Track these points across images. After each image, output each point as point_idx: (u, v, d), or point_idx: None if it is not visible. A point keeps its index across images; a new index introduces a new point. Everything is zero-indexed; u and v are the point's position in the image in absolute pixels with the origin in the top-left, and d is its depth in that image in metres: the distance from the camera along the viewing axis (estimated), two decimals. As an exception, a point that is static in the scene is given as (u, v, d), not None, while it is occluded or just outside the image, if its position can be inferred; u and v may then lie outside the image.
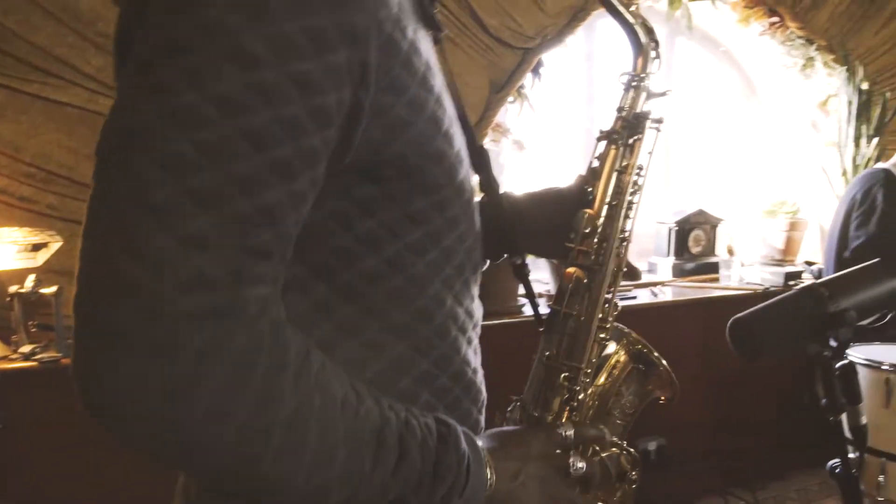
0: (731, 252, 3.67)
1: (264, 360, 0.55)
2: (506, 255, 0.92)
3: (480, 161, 0.82)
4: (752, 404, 3.19)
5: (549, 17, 2.86)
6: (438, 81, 0.69)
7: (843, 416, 1.04)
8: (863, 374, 2.30)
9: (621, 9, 0.91)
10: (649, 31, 0.94)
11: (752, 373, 3.26)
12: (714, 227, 3.58)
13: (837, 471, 0.95)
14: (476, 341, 0.80)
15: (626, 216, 0.89)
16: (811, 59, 3.72)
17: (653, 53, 0.94)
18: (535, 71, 2.92)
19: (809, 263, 3.61)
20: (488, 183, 0.87)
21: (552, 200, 0.95)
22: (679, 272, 3.44)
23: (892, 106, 3.72)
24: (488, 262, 0.93)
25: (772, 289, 3.24)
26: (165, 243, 0.51)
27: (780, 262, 3.68)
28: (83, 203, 0.54)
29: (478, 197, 0.84)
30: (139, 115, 0.53)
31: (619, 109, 0.93)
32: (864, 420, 0.94)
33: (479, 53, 2.72)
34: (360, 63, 0.58)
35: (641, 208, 0.92)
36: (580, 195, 0.90)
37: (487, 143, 2.85)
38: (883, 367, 2.23)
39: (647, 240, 3.56)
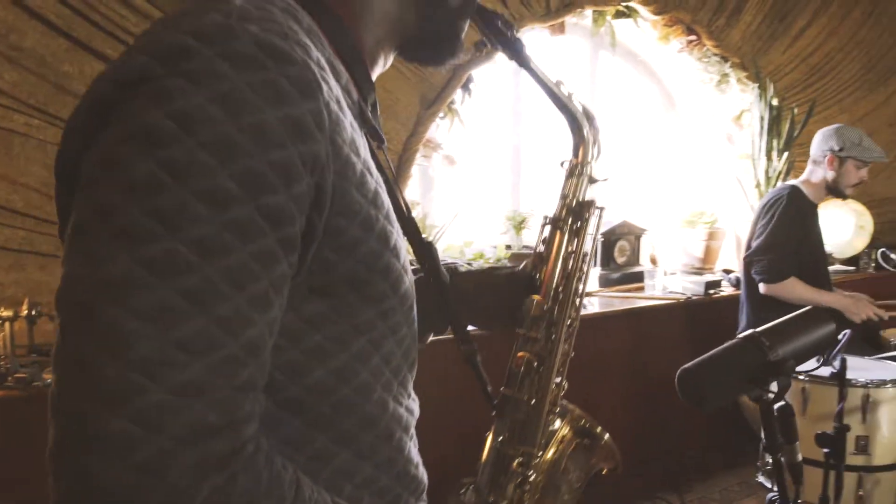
0: (654, 261, 3.79)
1: (266, 500, 0.56)
2: (458, 342, 0.91)
3: (427, 254, 0.83)
4: (677, 410, 3.29)
5: (479, 33, 2.89)
6: (383, 191, 0.70)
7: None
8: (781, 384, 2.42)
9: (566, 100, 0.94)
10: (591, 120, 0.97)
11: (669, 383, 3.38)
12: (638, 237, 3.69)
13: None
14: (415, 435, 0.81)
15: (573, 303, 0.92)
16: (726, 75, 3.89)
17: (593, 141, 0.97)
18: (465, 87, 2.94)
19: (727, 272, 3.78)
20: (436, 274, 0.87)
21: (501, 283, 0.97)
22: (605, 282, 3.53)
23: (799, 121, 3.93)
24: (432, 335, 0.95)
25: (693, 297, 3.36)
26: (160, 397, 0.50)
27: (699, 271, 3.83)
28: None
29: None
30: (113, 265, 0.51)
31: (564, 196, 0.96)
32: (799, 457, 0.99)
33: (409, 69, 2.72)
34: (318, 187, 0.59)
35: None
36: (529, 279, 0.93)
37: (418, 158, 2.85)
38: (799, 377, 2.34)
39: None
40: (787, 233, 2.95)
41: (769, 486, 2.44)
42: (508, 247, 3.10)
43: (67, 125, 0.61)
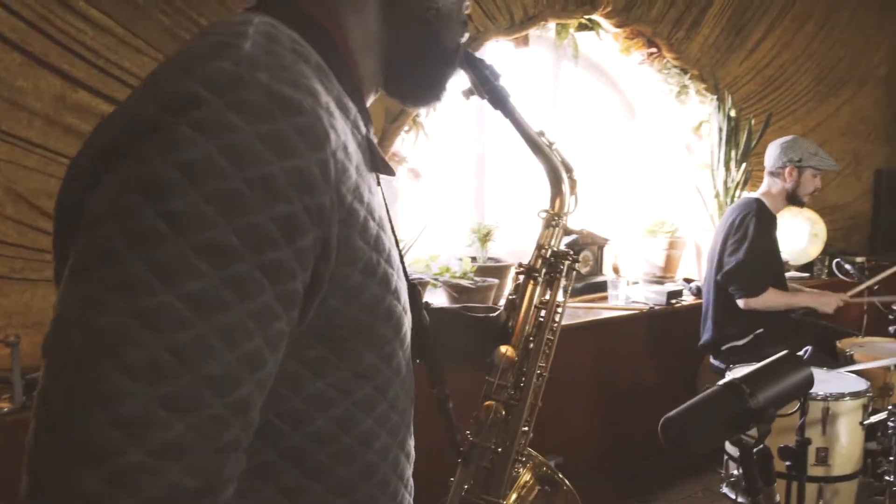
0: (616, 271, 3.83)
1: None
2: (431, 385, 0.90)
3: (412, 298, 0.83)
4: (642, 418, 3.34)
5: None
6: (384, 232, 0.69)
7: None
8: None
9: (547, 151, 0.95)
10: (569, 171, 0.98)
11: (641, 390, 3.43)
12: (601, 247, 3.72)
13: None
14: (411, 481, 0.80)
15: (545, 353, 0.93)
16: (685, 86, 3.95)
17: (570, 193, 0.98)
18: (431, 100, 2.92)
19: (688, 280, 3.83)
20: (419, 318, 0.86)
21: (474, 326, 0.97)
22: (570, 293, 3.55)
23: (756, 132, 4.01)
24: None
25: (656, 308, 3.41)
26: (138, 458, 0.48)
27: (661, 280, 3.88)
28: None
29: None
30: (108, 316, 0.50)
31: (540, 247, 0.96)
32: (777, 498, 1.00)
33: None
34: (323, 239, 0.58)
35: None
36: (501, 327, 0.93)
37: (384, 173, 2.83)
38: (762, 391, 2.38)
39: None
40: (762, 248, 3.05)
41: (733, 497, 2.49)
42: (474, 259, 3.10)
43: (72, 163, 0.60)
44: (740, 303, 3.04)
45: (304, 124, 0.57)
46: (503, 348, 0.90)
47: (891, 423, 2.16)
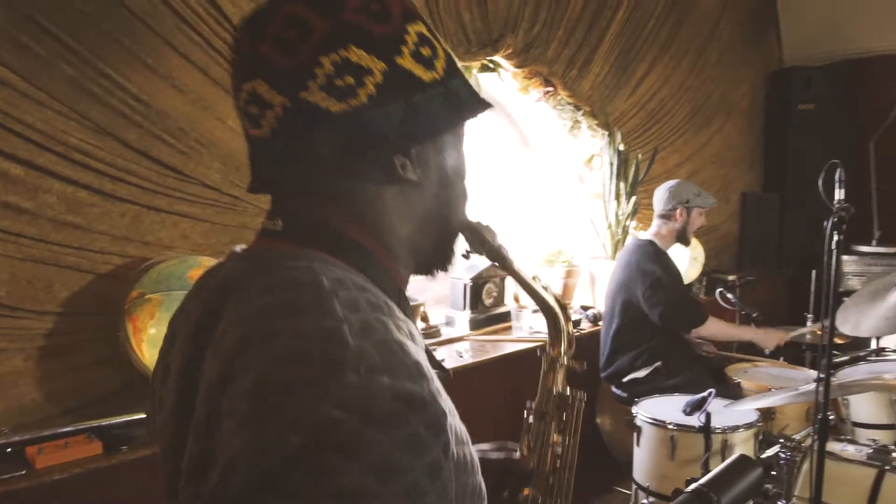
0: (517, 301, 3.95)
1: None
2: None
3: None
4: (548, 448, 3.49)
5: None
6: (455, 417, 0.72)
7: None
8: (651, 432, 2.63)
9: (543, 294, 1.00)
10: (564, 310, 1.03)
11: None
12: (503, 278, 3.83)
13: None
14: None
15: (566, 495, 0.98)
16: (578, 122, 4.14)
17: (566, 334, 1.03)
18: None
19: (585, 308, 4.02)
20: None
21: (492, 470, 1.00)
22: (475, 325, 3.65)
23: (644, 165, 4.26)
24: None
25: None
26: None
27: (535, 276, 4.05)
28: None
29: None
30: None
31: (548, 391, 1.02)
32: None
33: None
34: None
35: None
36: (521, 471, 0.97)
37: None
38: (668, 426, 2.56)
39: (444, 293, 3.73)
40: (677, 281, 3.28)
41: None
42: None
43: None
44: (692, 332, 3.29)
45: (430, 417, 0.61)
46: (526, 491, 0.94)
47: (783, 456, 2.37)
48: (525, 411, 1.05)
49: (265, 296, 0.67)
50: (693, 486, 1.03)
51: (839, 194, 1.98)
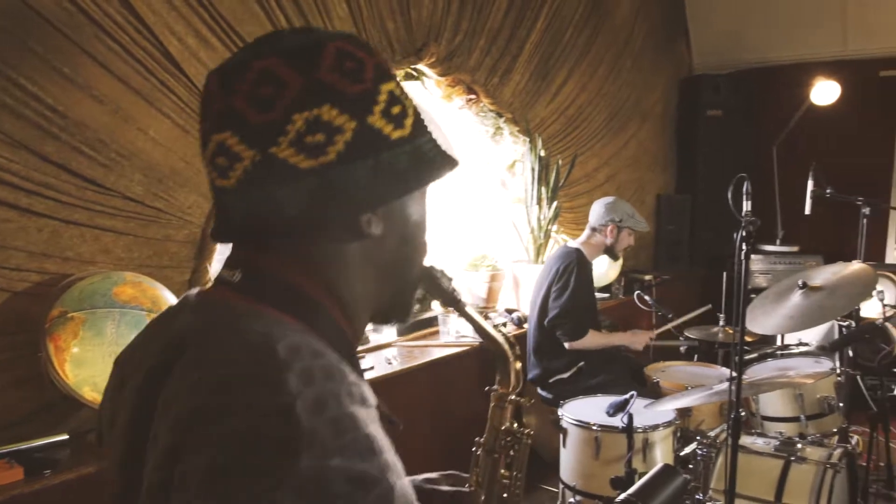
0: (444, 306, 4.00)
1: None
2: None
3: None
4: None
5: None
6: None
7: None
8: (576, 433, 2.72)
9: (494, 335, 1.04)
10: (513, 348, 1.08)
11: (476, 419, 3.63)
12: (429, 283, 3.87)
13: None
14: None
15: None
16: (500, 128, 4.22)
17: (515, 373, 1.08)
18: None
19: (510, 311, 4.11)
20: None
21: (450, 502, 1.04)
22: (402, 331, 3.68)
23: (564, 171, 4.38)
24: None
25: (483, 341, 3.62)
26: None
27: (484, 311, 4.12)
28: None
29: None
30: None
31: (495, 427, 1.06)
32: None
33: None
34: None
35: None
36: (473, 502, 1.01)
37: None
38: (592, 427, 2.65)
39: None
40: (582, 295, 3.37)
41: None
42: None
43: None
44: (566, 345, 3.36)
45: (380, 493, 0.61)
46: None
47: (700, 452, 2.50)
48: (474, 446, 1.09)
49: (220, 367, 0.67)
50: (622, 496, 1.10)
51: (747, 206, 2.10)
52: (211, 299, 0.79)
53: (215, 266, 2.78)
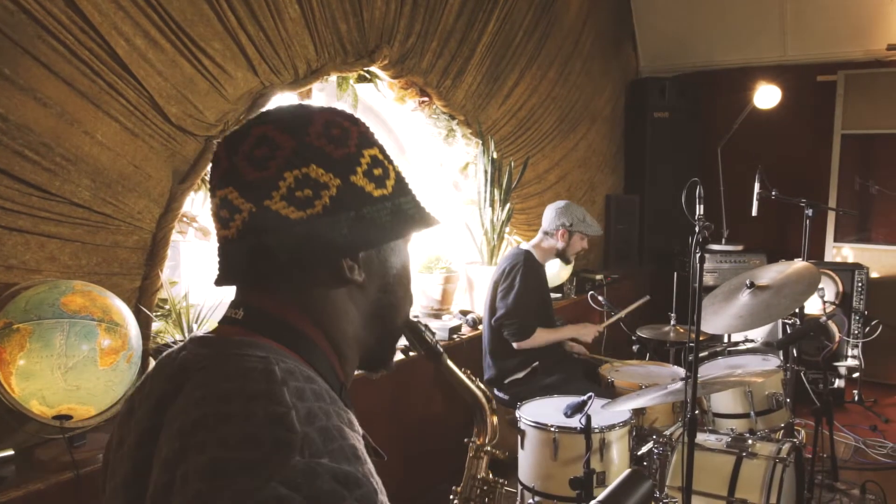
0: (398, 308, 3.98)
1: None
2: None
3: None
4: (431, 446, 3.58)
5: (230, 102, 2.81)
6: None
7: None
8: (534, 434, 2.74)
9: (474, 388, 1.07)
10: (490, 402, 1.11)
11: (432, 419, 3.63)
12: (384, 287, 3.86)
13: None
14: None
15: None
16: (452, 130, 4.23)
17: (491, 425, 1.11)
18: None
19: (464, 313, 4.11)
20: None
21: None
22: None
23: (517, 173, 4.41)
24: None
25: (440, 344, 3.63)
26: None
27: (438, 312, 4.12)
28: None
29: None
30: None
31: (472, 477, 1.09)
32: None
33: (160, 143, 2.57)
34: None
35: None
36: None
37: (174, 234, 2.71)
38: (550, 429, 2.67)
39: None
40: (528, 295, 3.39)
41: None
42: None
43: None
44: (514, 345, 3.38)
45: (363, 494, 0.68)
46: None
47: (656, 450, 2.54)
48: (451, 495, 1.12)
49: (223, 382, 0.74)
50: (593, 503, 1.10)
51: (699, 210, 2.14)
52: (216, 335, 0.86)
53: (166, 273, 2.72)
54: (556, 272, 4.74)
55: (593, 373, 3.49)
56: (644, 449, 2.58)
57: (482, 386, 1.16)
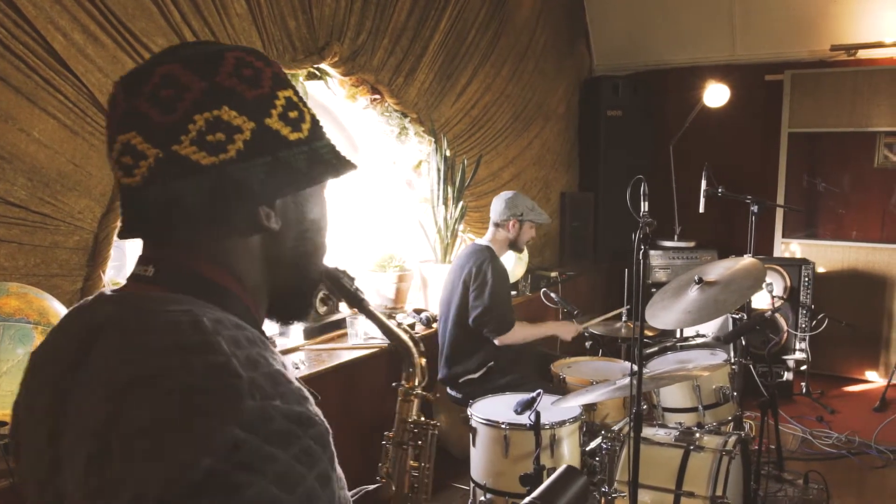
0: (352, 308, 3.95)
1: None
2: None
3: None
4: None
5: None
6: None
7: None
8: (485, 432, 2.74)
9: (399, 333, 1.04)
10: (417, 345, 1.09)
11: (382, 425, 3.61)
12: (337, 285, 3.82)
13: None
14: None
15: None
16: (405, 128, 4.21)
17: (420, 368, 1.09)
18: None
19: (418, 311, 4.10)
20: None
21: (360, 495, 1.03)
22: (310, 334, 3.61)
23: (470, 171, 4.42)
24: None
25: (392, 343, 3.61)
26: None
27: (392, 311, 4.11)
28: None
29: None
30: None
31: (403, 420, 1.07)
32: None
33: (100, 141, 2.50)
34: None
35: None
36: (386, 495, 1.01)
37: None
38: (501, 426, 2.68)
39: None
40: (502, 289, 3.40)
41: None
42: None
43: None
44: (496, 341, 3.39)
45: (316, 433, 0.69)
46: None
47: (605, 446, 2.57)
48: (383, 440, 1.11)
49: (151, 339, 0.70)
50: (527, 499, 1.10)
51: (644, 206, 2.17)
52: (126, 293, 0.81)
53: (110, 273, 2.66)
54: (511, 269, 4.75)
55: (546, 372, 3.51)
56: (593, 444, 2.60)
57: (409, 329, 1.15)
